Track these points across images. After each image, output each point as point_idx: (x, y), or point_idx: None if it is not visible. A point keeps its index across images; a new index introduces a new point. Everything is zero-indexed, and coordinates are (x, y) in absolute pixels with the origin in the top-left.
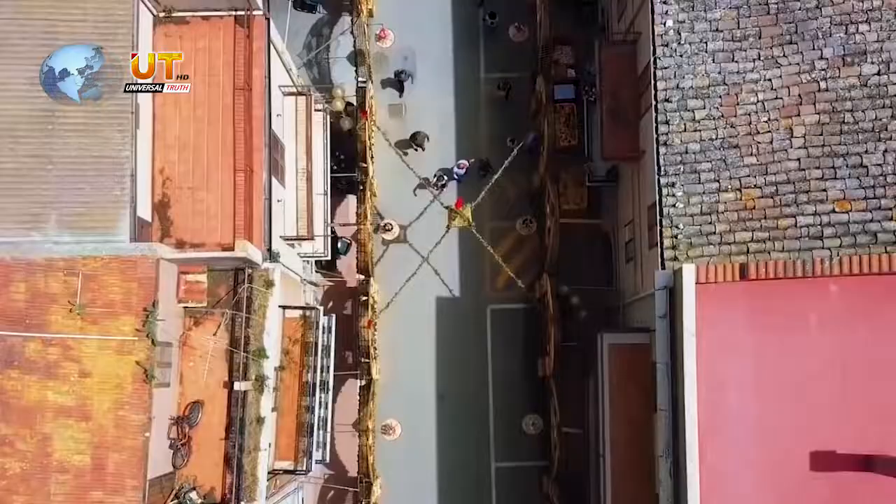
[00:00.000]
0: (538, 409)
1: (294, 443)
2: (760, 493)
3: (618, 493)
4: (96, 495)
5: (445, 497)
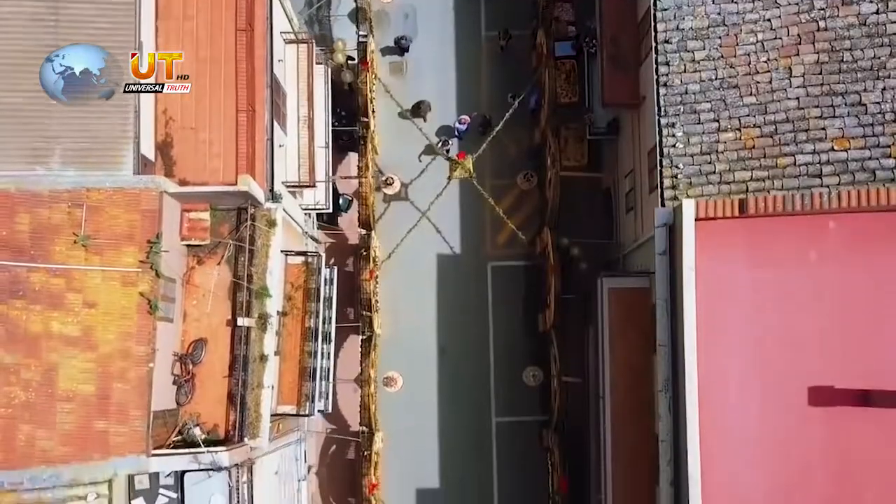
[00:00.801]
0: (538, 361)
1: (297, 387)
2: (758, 428)
3: (618, 437)
4: (101, 424)
5: (446, 451)
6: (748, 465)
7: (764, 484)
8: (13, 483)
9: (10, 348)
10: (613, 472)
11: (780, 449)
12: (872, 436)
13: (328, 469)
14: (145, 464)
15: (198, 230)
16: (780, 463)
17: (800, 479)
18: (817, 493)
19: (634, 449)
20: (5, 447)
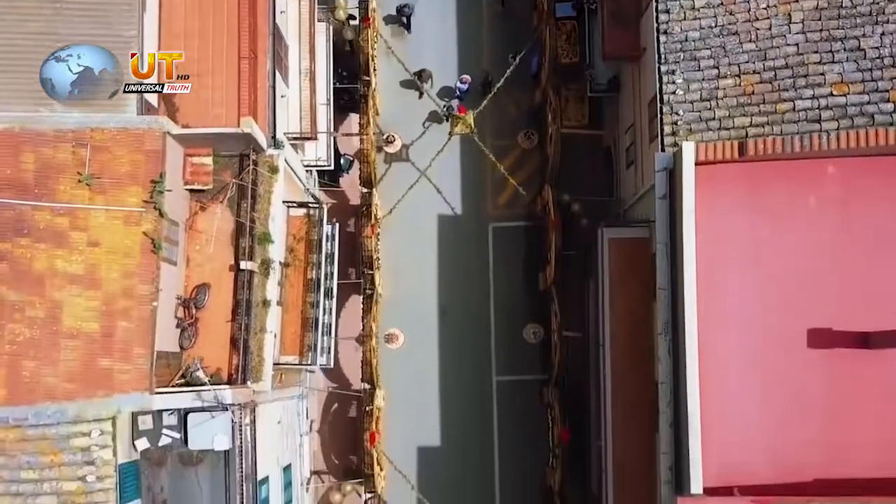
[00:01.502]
0: (539, 319)
1: (299, 338)
2: (757, 370)
3: (617, 385)
4: (105, 362)
5: (447, 409)
6: (747, 407)
7: (763, 425)
8: (18, 419)
9: (15, 286)
10: (613, 418)
11: (779, 391)
12: (871, 378)
13: (330, 427)
14: (149, 401)
15: (201, 175)
16: (779, 405)
17: (799, 421)
18: (816, 434)
19: (634, 396)
20: (10, 383)
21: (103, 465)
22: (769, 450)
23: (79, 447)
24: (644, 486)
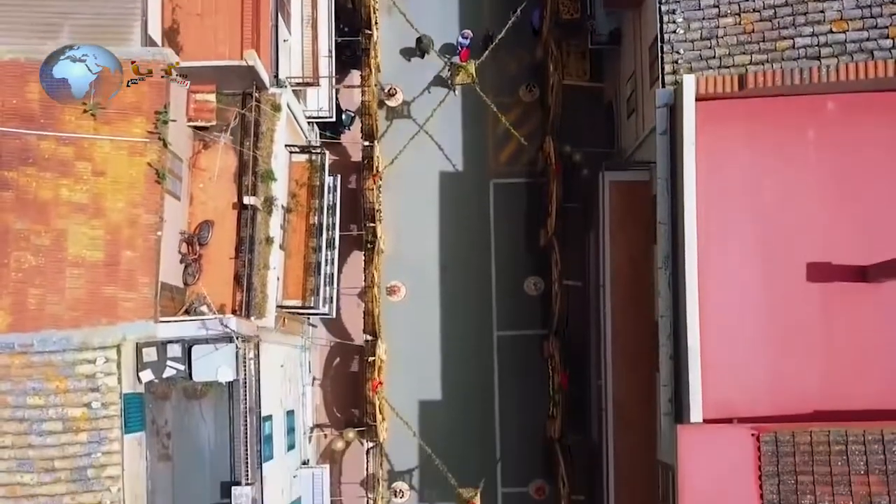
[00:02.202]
0: (539, 272)
1: (302, 282)
2: (757, 304)
3: (618, 326)
4: (109, 290)
5: (448, 362)
6: (746, 340)
7: (762, 359)
8: (23, 345)
9: (21, 214)
10: (613, 358)
11: (778, 324)
12: (869, 311)
13: (332, 381)
14: (153, 329)
15: (204, 112)
16: (778, 338)
17: (797, 353)
18: (815, 367)
19: (634, 337)
20: (16, 310)
21: (108, 392)
22: (768, 383)
23: (84, 374)
24: (644, 425)
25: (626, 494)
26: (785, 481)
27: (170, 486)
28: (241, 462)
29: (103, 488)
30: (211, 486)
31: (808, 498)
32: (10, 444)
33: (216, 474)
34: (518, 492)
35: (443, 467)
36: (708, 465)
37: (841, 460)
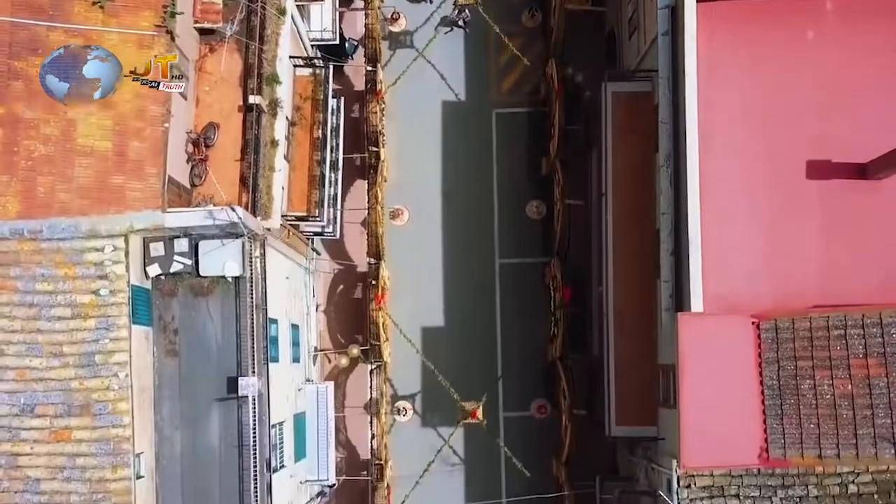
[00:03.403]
0: (541, 196)
1: (307, 194)
2: (755, 200)
3: (619, 234)
4: (118, 179)
5: (451, 289)
6: (746, 238)
7: (761, 255)
8: (33, 231)
9: (30, 104)
10: (614, 266)
11: (778, 222)
12: (868, 208)
13: (335, 308)
14: (161, 219)
15: (210, 13)
16: (778, 235)
17: (797, 250)
18: (813, 264)
19: (635, 246)
20: (25, 197)
21: (116, 279)
22: (767, 279)
23: (92, 262)
24: (644, 333)
25: (627, 403)
26: (784, 367)
27: (177, 380)
28: (247, 358)
29: (111, 374)
30: (218, 382)
31: (807, 382)
32: (20, 329)
33: (223, 370)
34: (520, 416)
35: (445, 383)
36: (708, 352)
37: (840, 344)
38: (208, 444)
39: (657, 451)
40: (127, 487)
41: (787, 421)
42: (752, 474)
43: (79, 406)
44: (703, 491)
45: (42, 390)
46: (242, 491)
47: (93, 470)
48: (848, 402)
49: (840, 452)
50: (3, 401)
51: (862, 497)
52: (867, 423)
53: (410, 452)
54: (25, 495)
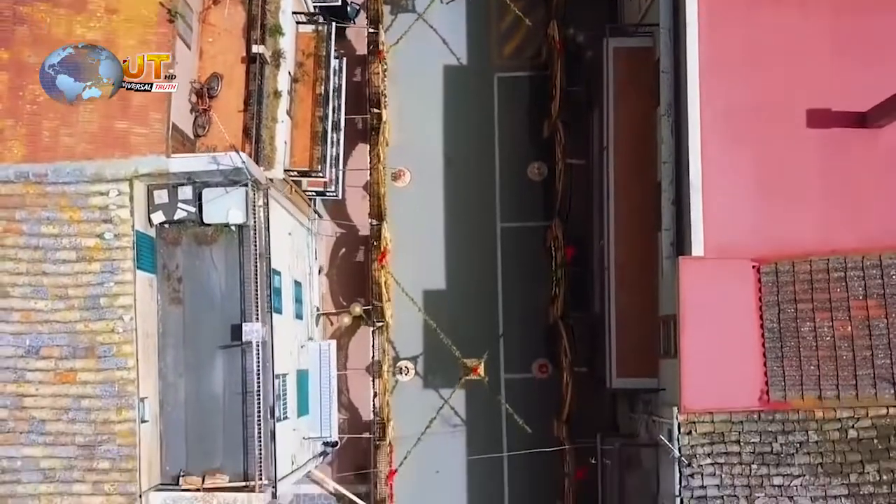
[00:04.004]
0: (543, 157)
1: (309, 150)
2: (757, 150)
3: (620, 187)
4: (122, 125)
5: (452, 252)
6: (746, 187)
7: (761, 203)
8: (38, 175)
9: (35, 49)
10: (616, 218)
11: (778, 170)
12: (868, 157)
13: (338, 271)
14: (164, 163)
15: None
16: (778, 184)
17: (797, 199)
18: (813, 212)
19: (636, 199)
20: (30, 142)
21: (121, 223)
22: (766, 227)
23: (97, 206)
24: (644, 287)
25: (627, 355)
26: (785, 310)
27: (181, 328)
28: (251, 304)
29: (116, 317)
30: (221, 330)
31: (807, 325)
32: (25, 271)
33: (226, 318)
34: (521, 377)
35: (447, 341)
36: (709, 296)
37: (840, 287)
38: (212, 392)
39: (657, 403)
40: (131, 429)
41: (787, 363)
42: (752, 420)
43: (84, 348)
44: (704, 437)
45: (47, 332)
46: (246, 438)
47: (97, 412)
48: (848, 344)
49: (840, 393)
50: (8, 342)
51: (861, 442)
52: (867, 364)
53: (412, 412)
54: (31, 436)
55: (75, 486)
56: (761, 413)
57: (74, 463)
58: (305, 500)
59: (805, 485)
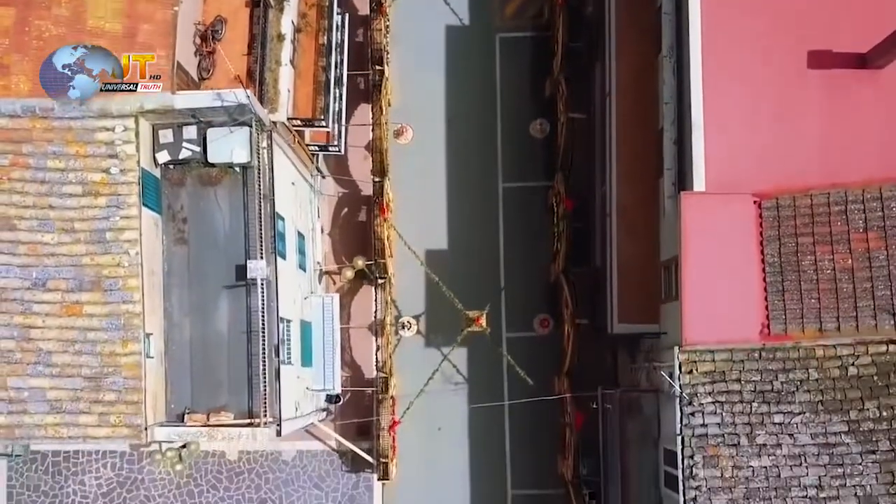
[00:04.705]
0: (545, 115)
1: (312, 100)
2: (757, 89)
3: (622, 135)
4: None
5: (454, 212)
6: (747, 125)
7: (762, 141)
8: (44, 109)
9: None
10: (618, 164)
11: (779, 110)
12: (868, 97)
13: (340, 231)
14: (170, 99)
15: None
16: (779, 123)
17: (798, 138)
18: (813, 150)
19: (638, 146)
20: (36, 76)
21: (126, 158)
22: (768, 166)
23: (103, 141)
24: (646, 233)
25: (629, 301)
26: (786, 244)
27: (185, 268)
28: (255, 243)
29: (122, 251)
30: (226, 270)
31: (808, 258)
32: (32, 205)
33: (231, 258)
34: (523, 336)
35: (449, 294)
36: (710, 231)
37: (840, 220)
38: (217, 331)
39: (658, 349)
40: (137, 362)
41: (788, 296)
42: (753, 359)
43: (90, 281)
44: (705, 376)
45: (53, 265)
46: (251, 376)
47: (104, 344)
48: (848, 276)
49: (840, 325)
50: (15, 274)
51: (861, 379)
52: (867, 296)
53: (414, 368)
54: (38, 367)
55: (81, 417)
56: (762, 352)
57: (81, 394)
58: (308, 457)
59: (805, 422)
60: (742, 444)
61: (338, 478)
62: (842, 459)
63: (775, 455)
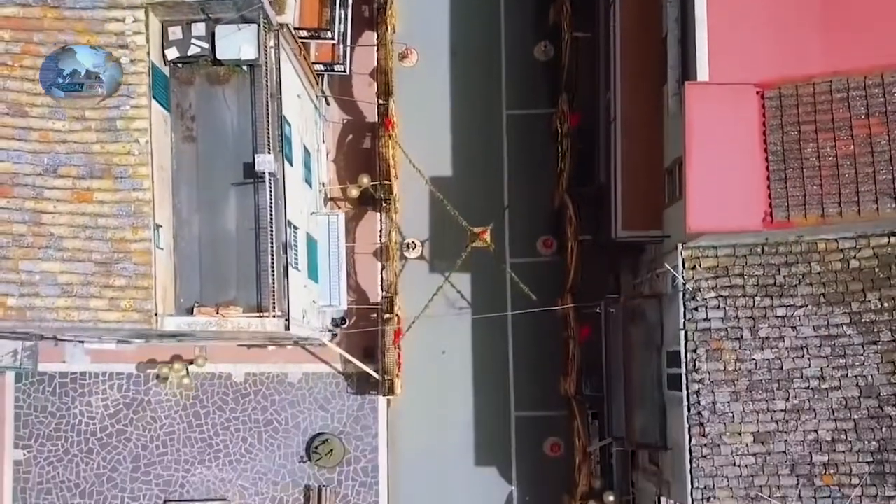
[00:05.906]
0: (549, 37)
1: (318, 10)
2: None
3: (626, 39)
4: None
5: (458, 138)
6: (750, 19)
7: (765, 37)
8: None
9: None
10: (622, 70)
11: (781, 5)
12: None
13: (345, 157)
14: None
15: None
16: (781, 15)
17: (800, 28)
18: (816, 44)
19: (643, 54)
20: None
21: (137, 49)
22: (771, 59)
23: (113, 31)
24: (650, 140)
25: (632, 208)
26: (788, 132)
27: (194, 166)
28: (263, 138)
29: (132, 140)
30: (234, 168)
31: (810, 146)
32: (42, 92)
33: (239, 156)
34: (527, 261)
35: (453, 211)
36: (714, 121)
37: (842, 107)
38: (226, 228)
39: (661, 255)
40: (147, 248)
41: (790, 184)
42: (756, 254)
43: (100, 169)
44: (708, 272)
45: (65, 152)
46: (259, 272)
47: (114, 230)
48: (850, 162)
49: (842, 210)
50: (27, 160)
51: (863, 271)
52: (869, 181)
53: (419, 290)
54: (49, 251)
55: (92, 301)
56: (765, 246)
57: (91, 279)
58: (314, 379)
59: (807, 314)
60: (745, 337)
61: (343, 399)
62: (843, 350)
63: (777, 347)
